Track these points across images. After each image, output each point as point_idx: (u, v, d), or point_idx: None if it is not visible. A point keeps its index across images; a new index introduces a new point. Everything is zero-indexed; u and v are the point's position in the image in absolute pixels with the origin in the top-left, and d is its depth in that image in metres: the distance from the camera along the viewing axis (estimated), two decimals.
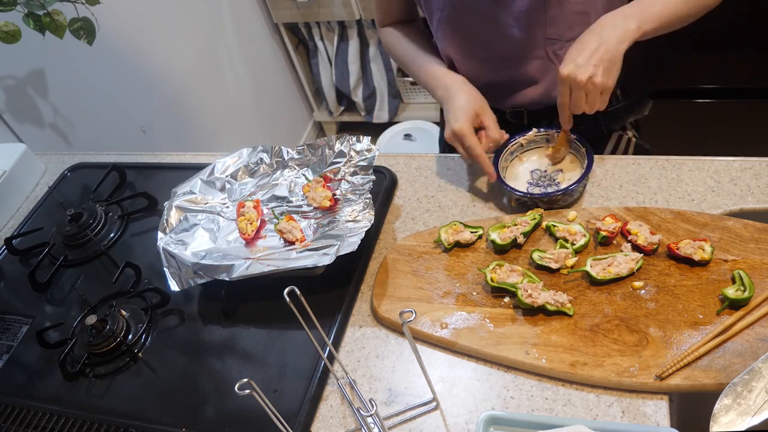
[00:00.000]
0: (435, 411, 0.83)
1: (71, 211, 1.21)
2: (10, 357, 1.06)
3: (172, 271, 0.99)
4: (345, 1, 2.37)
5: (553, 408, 0.79)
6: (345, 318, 0.95)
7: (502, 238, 0.95)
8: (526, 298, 0.86)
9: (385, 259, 0.99)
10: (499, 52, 1.09)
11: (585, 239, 0.93)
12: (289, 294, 0.70)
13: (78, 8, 1.33)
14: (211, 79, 2.31)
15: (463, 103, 1.04)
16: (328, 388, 0.88)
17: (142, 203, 1.23)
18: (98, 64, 1.77)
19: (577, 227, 0.94)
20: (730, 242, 0.88)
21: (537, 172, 1.06)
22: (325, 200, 1.04)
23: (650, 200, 0.99)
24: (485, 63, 1.13)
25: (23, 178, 1.41)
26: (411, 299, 0.93)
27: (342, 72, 2.69)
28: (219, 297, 1.01)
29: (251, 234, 1.03)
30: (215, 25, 2.33)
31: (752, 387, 0.71)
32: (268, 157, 1.14)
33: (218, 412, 0.89)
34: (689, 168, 1.02)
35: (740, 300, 0.80)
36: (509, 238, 0.94)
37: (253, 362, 0.94)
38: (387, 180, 1.12)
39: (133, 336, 1.01)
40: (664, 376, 0.76)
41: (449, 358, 0.87)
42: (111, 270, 1.13)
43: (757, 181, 0.97)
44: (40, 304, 1.13)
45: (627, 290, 0.87)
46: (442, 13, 1.09)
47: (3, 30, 1.26)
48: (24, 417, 0.96)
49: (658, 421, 0.75)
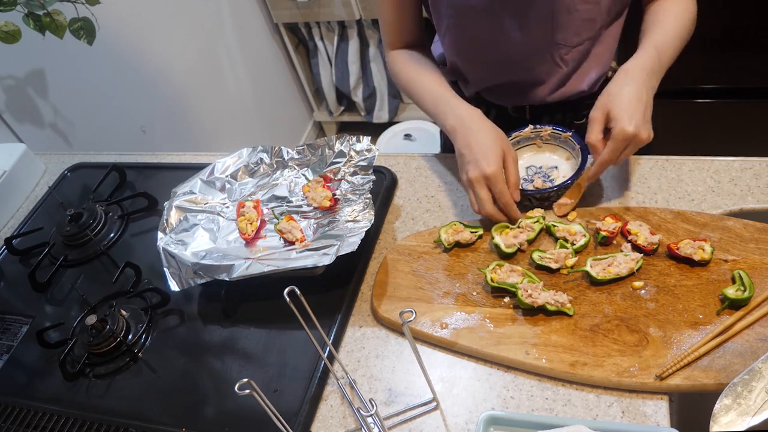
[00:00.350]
0: (435, 411, 0.83)
1: (71, 211, 1.21)
2: (10, 357, 1.06)
3: (172, 272, 0.99)
4: (345, 1, 2.37)
5: (553, 408, 0.79)
6: (345, 318, 0.95)
7: (507, 245, 0.94)
8: (526, 298, 0.86)
9: (385, 259, 0.99)
10: (506, 56, 1.09)
11: (585, 239, 0.93)
12: (289, 294, 0.70)
13: (78, 8, 1.33)
14: (211, 79, 2.31)
15: (491, 142, 0.95)
16: (328, 388, 0.88)
17: (142, 203, 1.23)
18: (98, 64, 1.77)
19: (577, 227, 0.94)
20: (730, 242, 0.88)
21: (532, 169, 1.06)
22: (325, 200, 1.04)
23: (650, 200, 0.99)
24: (490, 66, 1.12)
25: (23, 178, 1.41)
26: (411, 299, 0.93)
27: (342, 72, 2.69)
28: (219, 297, 1.01)
29: (251, 234, 1.03)
30: (215, 25, 2.33)
31: (752, 387, 0.71)
32: (268, 157, 1.14)
33: (218, 412, 0.89)
34: (689, 168, 1.02)
35: (740, 300, 0.80)
36: (514, 245, 0.94)
37: (253, 362, 0.94)
38: (387, 180, 1.12)
39: (133, 336, 1.01)
40: (664, 376, 0.76)
41: (449, 358, 0.87)
42: (111, 270, 1.13)
43: (757, 181, 0.97)
44: (40, 304, 1.13)
45: (627, 290, 0.87)
46: (450, 20, 1.08)
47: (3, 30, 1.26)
48: (24, 417, 0.96)
49: (658, 421, 0.75)
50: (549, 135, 1.06)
